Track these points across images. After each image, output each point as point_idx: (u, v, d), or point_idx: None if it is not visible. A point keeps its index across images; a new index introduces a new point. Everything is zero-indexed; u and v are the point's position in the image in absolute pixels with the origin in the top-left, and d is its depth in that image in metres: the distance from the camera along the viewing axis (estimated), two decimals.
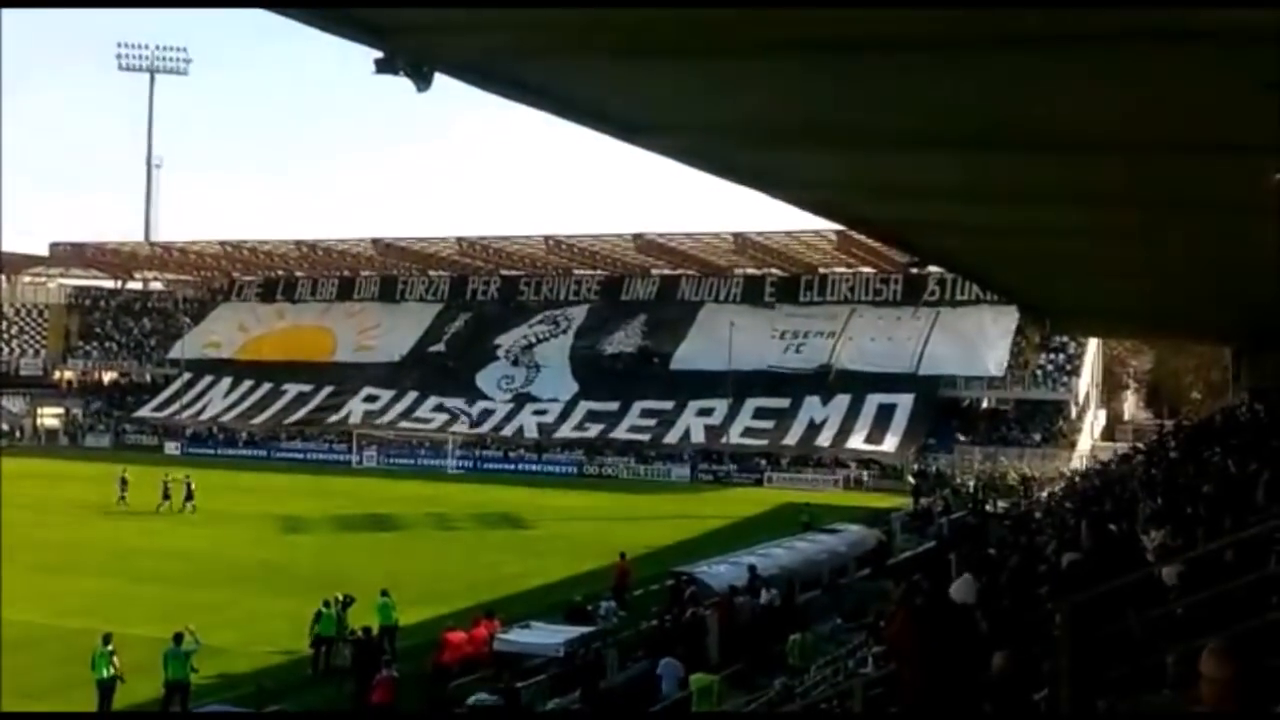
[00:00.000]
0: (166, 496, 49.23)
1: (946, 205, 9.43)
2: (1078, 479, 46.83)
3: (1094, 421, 77.63)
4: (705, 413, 71.88)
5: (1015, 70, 4.66)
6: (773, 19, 4.05)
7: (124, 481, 50.33)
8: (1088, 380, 74.26)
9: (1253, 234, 8.57)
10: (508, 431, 75.82)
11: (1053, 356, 72.21)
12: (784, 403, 70.81)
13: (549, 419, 75.92)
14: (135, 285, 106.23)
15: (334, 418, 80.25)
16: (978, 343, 71.04)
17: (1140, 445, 46.68)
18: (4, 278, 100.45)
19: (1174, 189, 7.55)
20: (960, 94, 5.18)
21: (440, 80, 5.00)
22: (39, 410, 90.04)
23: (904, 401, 68.62)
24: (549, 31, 4.52)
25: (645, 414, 73.58)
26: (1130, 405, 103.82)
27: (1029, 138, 6.11)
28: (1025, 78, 4.75)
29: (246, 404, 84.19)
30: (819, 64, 4.76)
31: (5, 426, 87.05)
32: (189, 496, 49.03)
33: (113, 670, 21.41)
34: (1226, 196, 7.13)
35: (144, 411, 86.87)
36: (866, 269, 79.53)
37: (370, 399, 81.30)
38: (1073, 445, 67.84)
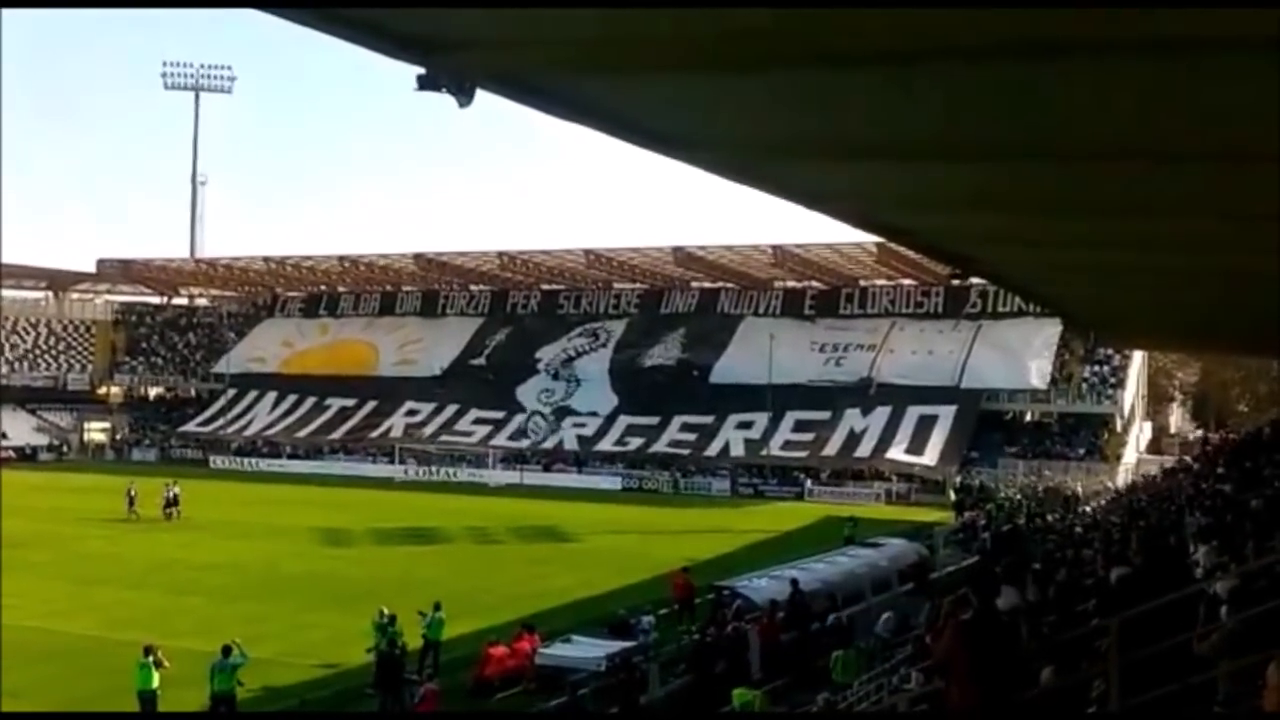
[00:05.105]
0: (168, 506, 50.66)
1: (992, 217, 9.34)
2: (1123, 493, 46.33)
3: (1139, 434, 76.70)
4: (745, 426, 71.64)
5: (1068, 80, 4.61)
6: (821, 30, 4.03)
7: (132, 496, 51.26)
8: (1133, 392, 73.40)
9: None
10: (548, 445, 76.03)
11: (1097, 369, 71.46)
12: (824, 415, 70.40)
13: (589, 432, 76.05)
14: (181, 301, 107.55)
15: (376, 432, 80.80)
16: (1021, 355, 70.31)
17: (1188, 459, 46.16)
18: (52, 294, 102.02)
19: (1225, 201, 7.43)
20: (1012, 104, 5.13)
21: (481, 96, 5.02)
22: (86, 425, 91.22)
23: (945, 414, 67.96)
24: (593, 45, 4.52)
25: (685, 427, 73.47)
26: (1176, 418, 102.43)
27: (1079, 148, 6.04)
28: (1080, 86, 4.69)
29: (291, 418, 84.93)
30: (869, 76, 4.73)
31: (55, 440, 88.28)
32: (172, 503, 50.71)
33: (154, 682, 21.48)
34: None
35: (190, 426, 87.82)
36: (907, 281, 79.03)
37: (412, 413, 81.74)
38: (1118, 458, 67.03)
